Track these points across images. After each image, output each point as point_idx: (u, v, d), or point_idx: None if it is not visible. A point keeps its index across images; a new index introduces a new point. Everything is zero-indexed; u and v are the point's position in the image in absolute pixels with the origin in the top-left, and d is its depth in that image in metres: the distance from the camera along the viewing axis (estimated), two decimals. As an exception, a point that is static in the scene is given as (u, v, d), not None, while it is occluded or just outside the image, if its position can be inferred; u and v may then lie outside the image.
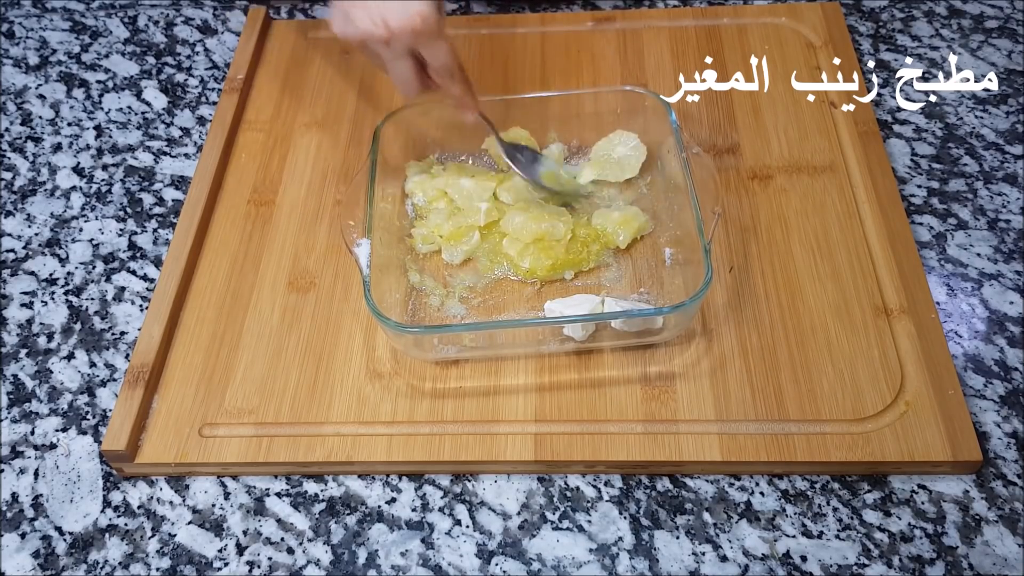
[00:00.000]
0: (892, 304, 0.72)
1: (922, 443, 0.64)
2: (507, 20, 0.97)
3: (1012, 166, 0.83)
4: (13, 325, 0.78)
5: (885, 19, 0.97)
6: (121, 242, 0.83)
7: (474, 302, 0.75)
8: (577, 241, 0.75)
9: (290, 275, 0.77)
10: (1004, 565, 0.61)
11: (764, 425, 0.66)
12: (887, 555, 0.62)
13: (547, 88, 0.90)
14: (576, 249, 0.75)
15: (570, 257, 0.74)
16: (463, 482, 0.67)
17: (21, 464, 0.70)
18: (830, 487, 0.65)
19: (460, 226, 0.77)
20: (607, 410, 0.68)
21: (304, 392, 0.70)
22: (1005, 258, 0.77)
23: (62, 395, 0.73)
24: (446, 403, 0.69)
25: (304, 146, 0.87)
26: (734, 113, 0.86)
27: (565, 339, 0.70)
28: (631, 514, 0.65)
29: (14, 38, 1.02)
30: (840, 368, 0.68)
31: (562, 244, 0.75)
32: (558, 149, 0.83)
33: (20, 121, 0.94)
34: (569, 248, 0.75)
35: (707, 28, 0.93)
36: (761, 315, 0.72)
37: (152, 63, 0.99)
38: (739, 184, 0.80)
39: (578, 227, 0.76)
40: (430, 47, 0.71)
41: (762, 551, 0.62)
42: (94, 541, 0.66)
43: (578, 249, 0.75)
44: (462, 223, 0.77)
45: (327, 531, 0.65)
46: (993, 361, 0.71)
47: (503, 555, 0.63)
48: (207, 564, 0.64)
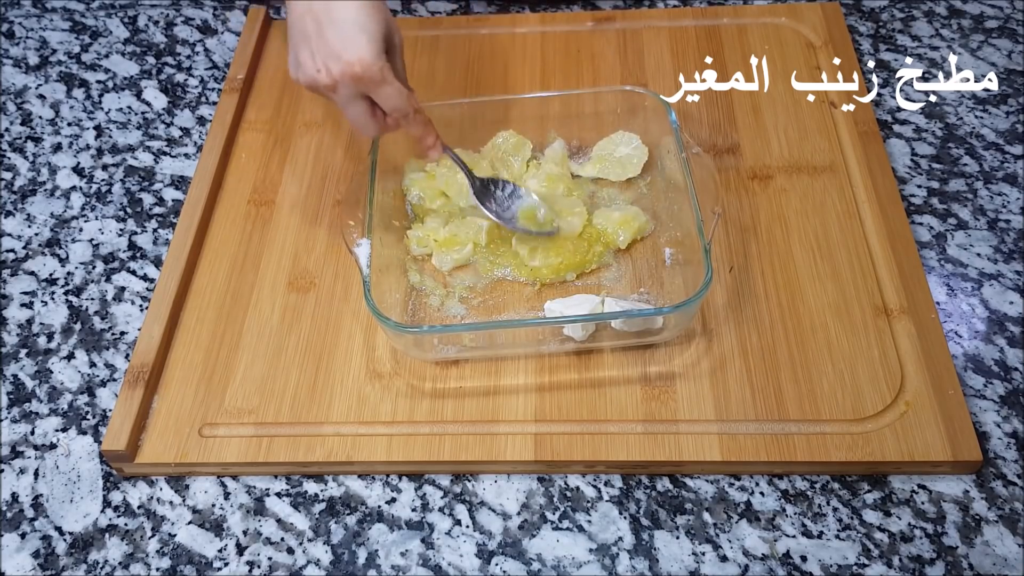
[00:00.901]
0: (892, 304, 0.72)
1: (922, 443, 0.64)
2: (507, 20, 0.97)
3: (1012, 166, 0.83)
4: (13, 325, 0.78)
5: (885, 19, 0.97)
6: (121, 242, 0.83)
7: (474, 302, 0.75)
8: (583, 241, 0.75)
9: (290, 275, 0.77)
10: (1004, 565, 0.61)
11: (764, 425, 0.66)
12: (887, 555, 0.62)
13: (547, 88, 0.90)
14: (583, 249, 0.75)
15: (576, 259, 0.74)
16: (463, 482, 0.67)
17: (21, 464, 0.70)
18: (830, 487, 0.65)
19: (455, 235, 0.76)
20: (607, 410, 0.68)
21: (304, 392, 0.70)
22: (1005, 258, 0.77)
23: (62, 395, 0.73)
24: (446, 403, 0.69)
25: (304, 146, 0.87)
26: (734, 113, 0.86)
27: (565, 339, 0.70)
28: (631, 514, 0.65)
29: (14, 38, 1.03)
30: (840, 368, 0.68)
31: (571, 240, 0.75)
32: (560, 146, 0.83)
33: (20, 121, 0.94)
34: (576, 247, 0.75)
35: (707, 28, 0.93)
36: (761, 315, 0.72)
37: (152, 63, 0.99)
38: (739, 184, 0.80)
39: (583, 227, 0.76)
40: (378, 92, 0.69)
41: (762, 551, 0.62)
42: (94, 541, 0.66)
43: (584, 249, 0.75)
44: (458, 232, 0.76)
45: (327, 531, 0.65)
46: (993, 361, 0.71)
47: (503, 555, 0.63)
48: (207, 564, 0.64)
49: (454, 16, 1.00)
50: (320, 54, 0.68)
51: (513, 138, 0.83)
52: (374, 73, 0.67)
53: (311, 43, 0.68)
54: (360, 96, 0.70)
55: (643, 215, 0.77)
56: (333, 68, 0.67)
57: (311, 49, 0.68)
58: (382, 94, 0.69)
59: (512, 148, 0.82)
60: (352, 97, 0.70)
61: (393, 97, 0.69)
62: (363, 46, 0.67)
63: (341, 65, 0.67)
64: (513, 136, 0.83)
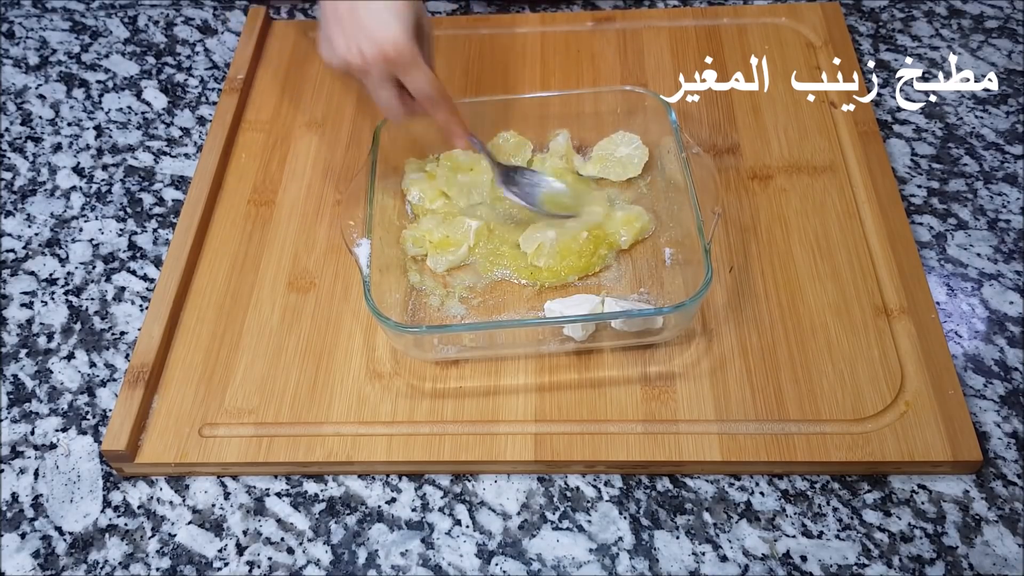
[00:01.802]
0: (892, 304, 0.72)
1: (922, 443, 0.64)
2: (507, 20, 0.97)
3: (1012, 166, 0.83)
4: (13, 325, 0.78)
5: (885, 19, 0.97)
6: (121, 242, 0.83)
7: (474, 302, 0.75)
8: (588, 243, 0.75)
9: (290, 275, 0.77)
10: (1004, 565, 0.61)
11: (764, 425, 0.66)
12: (887, 555, 0.62)
13: (547, 88, 0.90)
14: (588, 252, 0.74)
15: (581, 262, 0.74)
16: (463, 482, 0.67)
17: (21, 464, 0.70)
18: (830, 487, 0.65)
19: (447, 236, 0.76)
20: (607, 410, 0.68)
21: (304, 392, 0.70)
22: (1005, 258, 0.77)
23: (62, 395, 0.73)
24: (446, 403, 0.69)
25: (304, 146, 0.87)
26: (734, 113, 0.86)
27: (565, 339, 0.70)
28: (631, 514, 0.65)
29: (14, 38, 1.03)
30: (840, 368, 0.68)
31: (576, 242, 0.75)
32: (564, 139, 0.83)
33: (20, 121, 0.94)
34: (582, 250, 0.74)
35: (707, 28, 0.93)
36: (761, 315, 0.72)
37: (152, 63, 0.99)
38: (739, 184, 0.80)
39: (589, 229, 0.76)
40: (408, 75, 0.71)
41: (762, 551, 0.62)
42: (94, 541, 0.66)
43: (590, 252, 0.75)
44: (450, 234, 0.76)
45: (327, 531, 0.65)
46: (993, 361, 0.71)
47: (503, 555, 0.63)
48: (207, 564, 0.64)
49: (454, 16, 1.00)
50: (354, 36, 0.70)
51: (514, 138, 0.83)
52: (405, 56, 0.70)
53: (344, 25, 0.71)
54: (390, 79, 0.71)
55: (646, 214, 0.77)
56: (366, 49, 0.70)
57: (344, 31, 0.71)
58: (412, 77, 0.71)
59: (512, 148, 0.82)
60: (383, 80, 0.71)
61: (422, 81, 0.71)
62: (396, 29, 0.69)
63: (374, 47, 0.69)
64: (514, 136, 0.83)
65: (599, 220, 0.76)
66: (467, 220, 0.77)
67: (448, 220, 0.78)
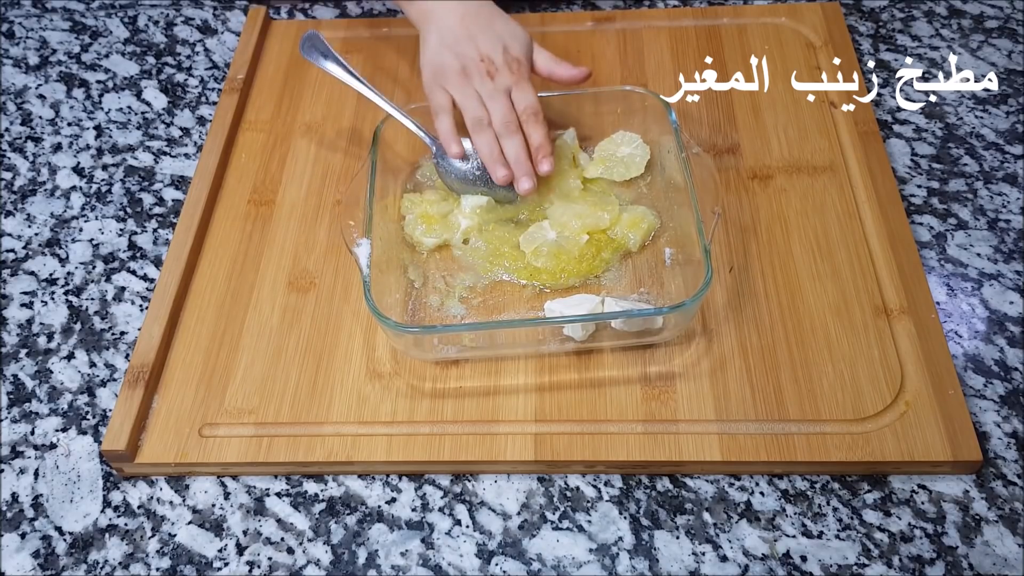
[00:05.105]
0: (892, 304, 0.71)
1: (922, 443, 0.64)
2: (507, 20, 0.97)
3: (1012, 166, 0.83)
4: (13, 325, 0.78)
5: (885, 19, 0.97)
6: (121, 242, 0.83)
7: (474, 302, 0.75)
8: (590, 247, 0.75)
9: (290, 275, 0.77)
10: (1004, 565, 0.61)
11: (764, 425, 0.66)
12: (887, 555, 0.62)
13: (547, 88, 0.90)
14: (589, 255, 0.74)
15: (582, 267, 0.74)
16: (463, 482, 0.67)
17: (21, 464, 0.70)
18: (830, 487, 0.65)
19: (445, 213, 0.78)
20: (607, 410, 0.68)
21: (304, 392, 0.70)
22: (1005, 258, 0.77)
23: (62, 395, 0.73)
24: (446, 403, 0.69)
25: (304, 146, 0.87)
26: (734, 113, 0.86)
27: (565, 339, 0.70)
28: (631, 514, 0.65)
29: (14, 38, 1.03)
30: (840, 368, 0.68)
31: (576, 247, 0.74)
32: (571, 138, 0.82)
33: (20, 121, 0.94)
34: (582, 254, 0.74)
35: (707, 28, 0.93)
36: (761, 315, 0.72)
37: (152, 63, 0.99)
38: (739, 184, 0.80)
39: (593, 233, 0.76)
40: (521, 85, 0.76)
41: (762, 551, 0.62)
42: (94, 541, 0.66)
43: (592, 255, 0.74)
44: (448, 211, 0.78)
45: (327, 531, 0.65)
46: (993, 361, 0.71)
47: (503, 555, 0.63)
48: (207, 564, 0.64)
49: (454, 16, 1.00)
50: (489, 42, 0.77)
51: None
52: (528, 66, 0.78)
53: (477, 38, 0.77)
54: (506, 90, 0.76)
55: (651, 213, 0.77)
56: (512, 49, 0.77)
57: (476, 40, 0.77)
58: (524, 88, 0.76)
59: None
60: (500, 91, 0.75)
61: (531, 94, 0.76)
62: (524, 40, 0.79)
63: (521, 48, 0.78)
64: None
65: (603, 224, 0.76)
66: (459, 218, 0.78)
67: (449, 202, 0.79)
